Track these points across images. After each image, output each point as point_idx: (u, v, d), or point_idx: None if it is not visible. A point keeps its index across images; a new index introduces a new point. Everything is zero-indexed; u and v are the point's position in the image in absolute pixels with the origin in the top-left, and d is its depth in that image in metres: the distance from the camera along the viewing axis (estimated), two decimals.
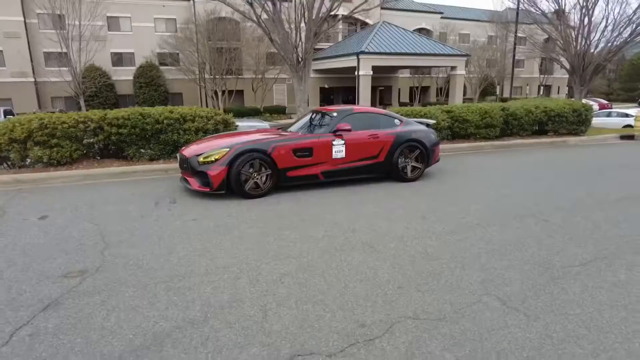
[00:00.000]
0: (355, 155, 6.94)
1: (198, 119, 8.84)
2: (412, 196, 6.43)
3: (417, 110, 11.31)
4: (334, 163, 6.80)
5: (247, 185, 6.21)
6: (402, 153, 7.32)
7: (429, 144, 7.52)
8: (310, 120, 7.37)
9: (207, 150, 6.30)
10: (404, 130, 7.35)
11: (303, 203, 6.03)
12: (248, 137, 6.56)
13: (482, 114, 12.04)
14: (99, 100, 27.77)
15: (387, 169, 7.28)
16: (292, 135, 6.66)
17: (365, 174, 7.14)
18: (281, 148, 6.35)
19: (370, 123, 7.21)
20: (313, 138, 6.63)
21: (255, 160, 6.21)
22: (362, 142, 6.97)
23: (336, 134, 6.79)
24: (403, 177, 7.34)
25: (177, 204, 6.06)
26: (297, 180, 6.60)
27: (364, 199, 6.27)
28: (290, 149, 6.42)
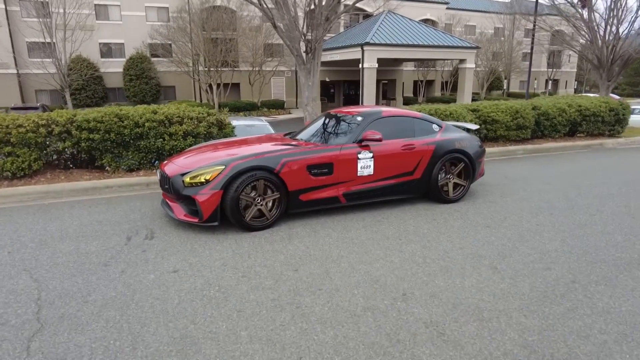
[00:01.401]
0: (386, 172, 5.45)
1: (187, 121, 7.30)
2: (463, 227, 4.95)
3: (441, 109, 9.81)
4: (360, 182, 5.31)
5: (248, 214, 4.71)
6: (442, 167, 5.83)
7: (474, 156, 6.03)
8: (324, 126, 5.85)
9: (196, 167, 4.78)
10: (445, 139, 5.86)
11: (323, 240, 4.54)
12: (249, 149, 5.05)
13: (513, 114, 10.56)
14: (87, 93, 26.05)
15: (423, 188, 5.80)
16: (305, 146, 5.14)
17: (397, 194, 5.65)
18: (293, 164, 4.85)
19: (403, 129, 5.70)
20: (334, 150, 5.12)
21: (259, 181, 4.71)
22: (395, 154, 5.47)
23: (362, 145, 5.29)
24: (444, 198, 5.86)
25: (155, 239, 4.56)
26: (313, 205, 5.11)
27: (402, 232, 4.79)
28: (305, 164, 4.92)
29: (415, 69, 35.41)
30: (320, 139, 5.51)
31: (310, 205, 5.08)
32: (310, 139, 5.58)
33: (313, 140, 5.53)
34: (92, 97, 26.13)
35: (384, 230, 4.84)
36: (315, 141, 5.48)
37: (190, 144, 7.27)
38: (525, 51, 38.96)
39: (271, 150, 4.89)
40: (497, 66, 35.64)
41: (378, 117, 5.57)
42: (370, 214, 5.41)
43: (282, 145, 5.24)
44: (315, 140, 5.50)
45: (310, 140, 5.55)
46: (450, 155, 5.81)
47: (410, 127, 5.75)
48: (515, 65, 37.28)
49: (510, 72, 36.95)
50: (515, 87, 42.39)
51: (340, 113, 5.98)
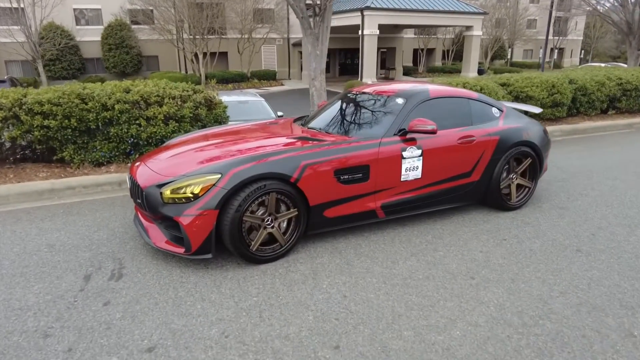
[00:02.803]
0: (437, 174, 4.07)
1: (168, 102, 5.78)
2: (546, 253, 3.63)
3: (470, 83, 8.36)
4: (403, 189, 3.92)
5: (254, 240, 3.33)
6: (506, 165, 4.46)
7: (542, 149, 4.66)
8: (349, 111, 4.40)
9: (180, 174, 3.34)
10: (510, 127, 4.45)
11: (363, 281, 3.18)
12: (253, 147, 3.61)
13: (549, 89, 9.15)
14: (62, 65, 23.82)
15: (481, 193, 4.44)
16: (331, 142, 3.70)
17: (449, 203, 4.28)
18: (316, 168, 3.44)
19: (458, 115, 4.28)
20: (371, 147, 3.70)
21: (269, 195, 3.30)
22: (449, 150, 4.07)
23: (407, 139, 3.88)
24: (505, 204, 4.51)
25: (125, 279, 3.18)
26: (341, 223, 3.73)
27: (469, 263, 3.45)
28: (332, 169, 3.51)
29: (415, 37, 33.47)
30: (346, 130, 4.07)
31: (337, 223, 3.71)
32: (330, 129, 4.14)
33: (335, 130, 4.09)
34: (68, 69, 23.95)
35: (443, 260, 3.50)
36: (338, 132, 4.05)
37: (173, 131, 5.78)
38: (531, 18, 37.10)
39: (284, 149, 3.45)
40: (502, 34, 33.81)
41: (425, 98, 4.13)
42: (416, 231, 4.05)
43: (296, 139, 3.80)
44: (339, 132, 4.06)
45: (330, 130, 4.11)
46: (517, 149, 4.43)
47: (467, 112, 4.33)
48: (520, 33, 35.47)
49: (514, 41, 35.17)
50: (518, 57, 40.62)
51: (368, 92, 4.51)
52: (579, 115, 10.14)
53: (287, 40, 30.32)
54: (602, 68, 11.86)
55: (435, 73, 31.90)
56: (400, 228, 4.11)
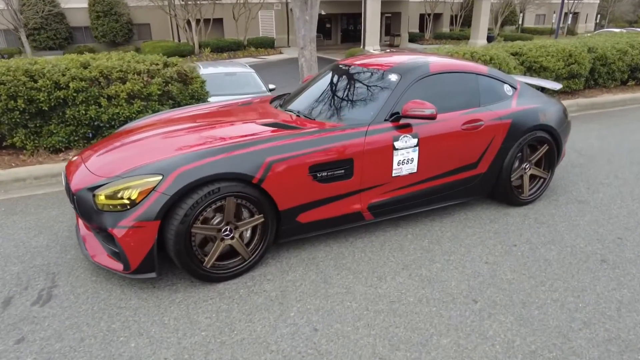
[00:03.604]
0: (437, 167, 3.40)
1: (133, 78, 5.08)
2: (565, 264, 3.01)
3: (478, 53, 7.53)
4: (396, 186, 3.27)
5: (209, 255, 2.72)
6: (519, 153, 3.79)
7: (561, 133, 3.97)
8: (333, 90, 3.69)
9: (114, 174, 2.70)
10: (525, 108, 3.75)
11: (341, 305, 2.58)
12: (211, 137, 2.94)
13: (566, 58, 8.30)
14: (47, 34, 22.70)
15: (489, 186, 3.79)
16: (305, 130, 3.02)
17: (450, 200, 3.63)
18: (285, 165, 2.78)
19: (463, 94, 3.57)
20: (354, 137, 3.02)
21: (227, 200, 2.67)
22: (451, 138, 3.38)
23: (400, 125, 3.19)
24: (516, 198, 3.86)
25: (53, 302, 2.61)
26: (319, 229, 3.11)
27: (472, 279, 2.83)
28: (306, 165, 2.85)
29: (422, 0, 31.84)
30: (328, 114, 3.38)
31: (315, 229, 3.08)
32: (310, 113, 3.45)
33: (315, 115, 3.41)
34: (54, 39, 22.83)
35: (441, 275, 2.89)
36: (318, 117, 3.36)
37: (139, 112, 5.11)
38: None
39: (246, 142, 2.79)
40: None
41: (424, 74, 3.42)
42: (410, 234, 3.43)
43: (265, 127, 3.12)
44: (319, 116, 3.37)
45: (310, 114, 3.43)
46: (532, 134, 3.74)
47: (474, 90, 3.62)
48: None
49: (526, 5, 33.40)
50: (530, 22, 38.74)
51: (357, 65, 3.78)
52: (597, 87, 9.29)
53: (285, 4, 28.89)
54: (623, 34, 10.88)
55: (443, 40, 30.48)
56: (392, 230, 3.49)
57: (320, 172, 2.91)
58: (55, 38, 22.89)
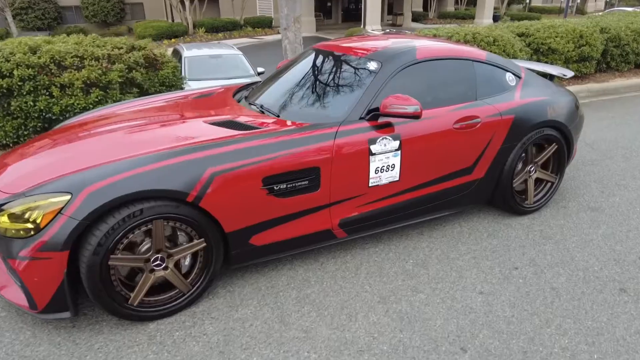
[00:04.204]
0: (424, 174, 2.84)
1: (90, 64, 4.50)
2: (579, 287, 2.48)
3: (481, 34, 6.86)
4: (374, 197, 2.72)
5: (137, 290, 2.20)
6: (523, 154, 3.22)
7: (573, 129, 3.40)
8: (303, 78, 3.08)
9: (20, 190, 2.16)
10: (530, 102, 3.16)
11: (294, 356, 2.08)
12: (133, 143, 2.38)
13: (576, 40, 7.61)
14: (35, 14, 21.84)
15: (488, 193, 3.23)
16: (261, 132, 2.46)
17: (442, 210, 3.08)
18: (232, 176, 2.24)
19: (456, 84, 2.98)
20: (320, 140, 2.46)
21: (154, 223, 2.13)
22: (442, 139, 2.81)
23: (378, 125, 2.63)
24: (519, 206, 3.31)
25: None
26: (279, 251, 2.57)
27: (464, 311, 2.33)
28: (258, 176, 2.29)
29: None
30: (295, 110, 2.81)
31: (274, 251, 2.55)
32: (275, 108, 2.87)
33: (281, 110, 2.83)
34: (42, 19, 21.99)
35: (424, 311, 2.36)
36: (284, 114, 2.78)
37: (98, 102, 4.54)
38: None
39: (182, 149, 2.23)
40: None
41: (409, 61, 2.83)
42: (393, 252, 2.89)
43: (215, 127, 2.56)
44: (285, 113, 2.79)
45: (275, 110, 2.85)
46: (538, 132, 3.17)
47: (470, 80, 3.03)
48: None
49: None
50: (537, 1, 37.39)
51: (336, 50, 3.18)
52: (610, 71, 8.61)
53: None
54: (637, 13, 10.11)
55: (447, 19, 29.44)
56: (371, 248, 2.96)
57: (277, 184, 2.36)
58: (44, 18, 22.07)
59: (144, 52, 5.06)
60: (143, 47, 5.19)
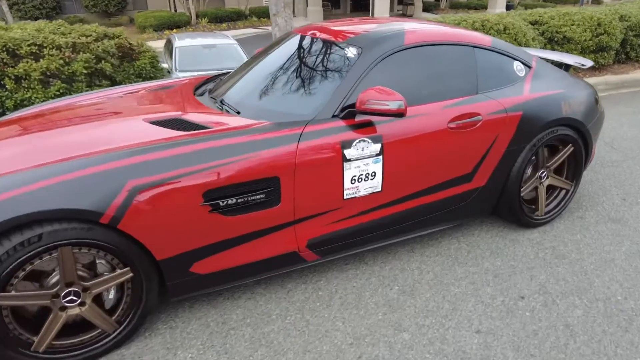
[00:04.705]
0: (413, 183, 2.35)
1: (50, 53, 4.07)
2: (599, 324, 2.00)
3: (491, 21, 6.30)
4: (350, 212, 2.25)
5: (40, 333, 1.75)
6: (532, 157, 2.72)
7: (591, 129, 2.89)
8: (273, 68, 2.57)
9: None
10: (542, 96, 2.65)
11: None
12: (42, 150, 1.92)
13: (594, 28, 7.01)
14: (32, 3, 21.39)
15: (491, 203, 2.73)
16: (206, 132, 2.00)
17: (435, 225, 2.59)
18: (159, 191, 1.77)
19: (452, 76, 2.48)
20: (279, 143, 1.98)
21: (61, 251, 1.69)
22: (434, 141, 2.32)
23: (356, 125, 2.15)
24: (528, 218, 2.81)
25: None
26: (231, 280, 2.10)
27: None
28: (198, 189, 1.84)
29: None
30: (257, 105, 2.32)
31: (224, 280, 2.09)
32: (236, 103, 2.40)
33: (242, 105, 2.35)
34: (40, 8, 21.56)
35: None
36: (245, 110, 2.29)
37: (61, 95, 4.11)
38: None
39: (98, 157, 1.77)
40: None
41: (396, 46, 2.33)
42: (375, 277, 2.42)
43: (157, 127, 2.10)
44: (246, 109, 2.30)
45: (236, 105, 2.38)
46: (551, 132, 2.67)
47: (469, 70, 2.53)
48: None
49: None
50: None
51: (320, 33, 2.67)
52: (629, 62, 7.98)
53: None
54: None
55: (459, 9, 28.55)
56: (351, 270, 2.49)
57: (223, 199, 1.90)
58: (42, 7, 21.67)
59: (118, 41, 4.63)
60: (117, 36, 4.76)
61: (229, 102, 2.44)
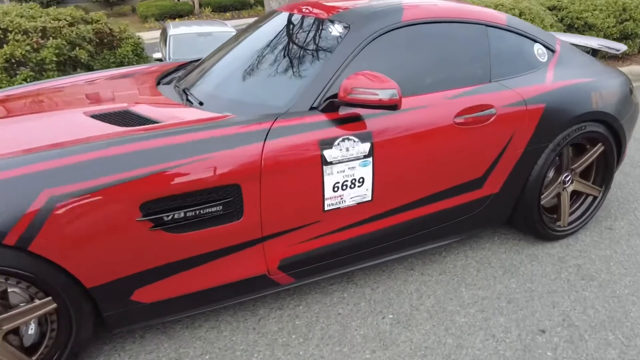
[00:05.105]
0: (411, 191, 1.94)
1: (15, 38, 3.71)
2: None
3: (506, 4, 5.81)
4: (333, 226, 1.85)
5: None
6: (556, 159, 2.30)
7: (625, 124, 2.45)
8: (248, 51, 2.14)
9: None
10: (568, 85, 2.22)
11: None
12: None
13: (618, 14, 6.47)
14: None
15: (505, 213, 2.31)
16: (151, 128, 1.62)
17: (439, 239, 2.17)
18: (83, 202, 1.39)
19: (459, 59, 2.06)
20: (242, 142, 1.59)
21: None
22: (436, 139, 1.91)
23: (340, 119, 1.75)
24: (548, 229, 2.38)
25: None
26: (184, 309, 1.72)
27: None
28: (134, 200, 1.45)
29: None
30: (222, 96, 1.93)
31: (174, 310, 1.71)
32: (199, 93, 2.01)
33: (207, 96, 1.96)
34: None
35: None
36: (209, 102, 1.89)
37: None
38: None
39: (5, 161, 1.41)
40: None
41: (390, 24, 1.91)
42: (365, 300, 2.03)
43: (96, 122, 1.72)
44: (210, 100, 1.91)
45: (198, 95, 1.99)
46: (580, 128, 2.23)
47: (481, 52, 2.10)
48: None
49: None
50: None
51: (304, 10, 2.25)
52: None
53: None
54: None
55: None
56: (337, 292, 2.10)
57: (167, 212, 1.52)
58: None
59: (95, 26, 4.26)
60: (95, 20, 4.40)
61: (193, 92, 2.05)
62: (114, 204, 1.43)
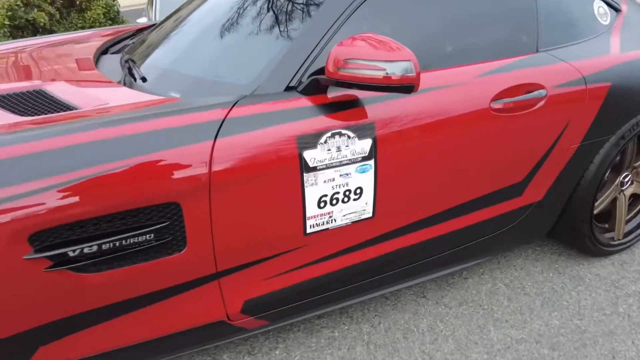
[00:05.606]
0: (428, 203, 1.42)
1: None
2: None
3: None
4: (318, 253, 1.34)
5: None
6: (618, 156, 1.76)
7: None
8: (214, 15, 1.57)
9: None
10: (638, 56, 1.67)
11: None
12: None
13: None
14: None
15: (548, 223, 1.79)
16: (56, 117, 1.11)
17: (464, 260, 1.66)
18: None
19: (493, 20, 1.51)
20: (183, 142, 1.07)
21: None
22: (465, 133, 1.37)
23: (326, 106, 1.21)
24: (597, 243, 1.85)
25: None
26: None
27: None
28: (19, 233, 0.95)
29: None
30: (176, 70, 1.41)
31: None
32: (146, 68, 1.49)
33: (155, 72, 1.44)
34: None
35: None
36: (155, 79, 1.39)
37: None
38: None
39: None
40: None
41: None
42: (361, 347, 1.55)
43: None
44: (157, 79, 1.39)
45: (144, 70, 1.47)
46: None
47: (524, 13, 1.54)
48: None
49: None
50: None
51: None
52: None
53: None
54: None
55: None
56: (326, 329, 1.62)
57: (72, 246, 1.02)
58: None
59: None
60: None
61: (138, 65, 1.52)
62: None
